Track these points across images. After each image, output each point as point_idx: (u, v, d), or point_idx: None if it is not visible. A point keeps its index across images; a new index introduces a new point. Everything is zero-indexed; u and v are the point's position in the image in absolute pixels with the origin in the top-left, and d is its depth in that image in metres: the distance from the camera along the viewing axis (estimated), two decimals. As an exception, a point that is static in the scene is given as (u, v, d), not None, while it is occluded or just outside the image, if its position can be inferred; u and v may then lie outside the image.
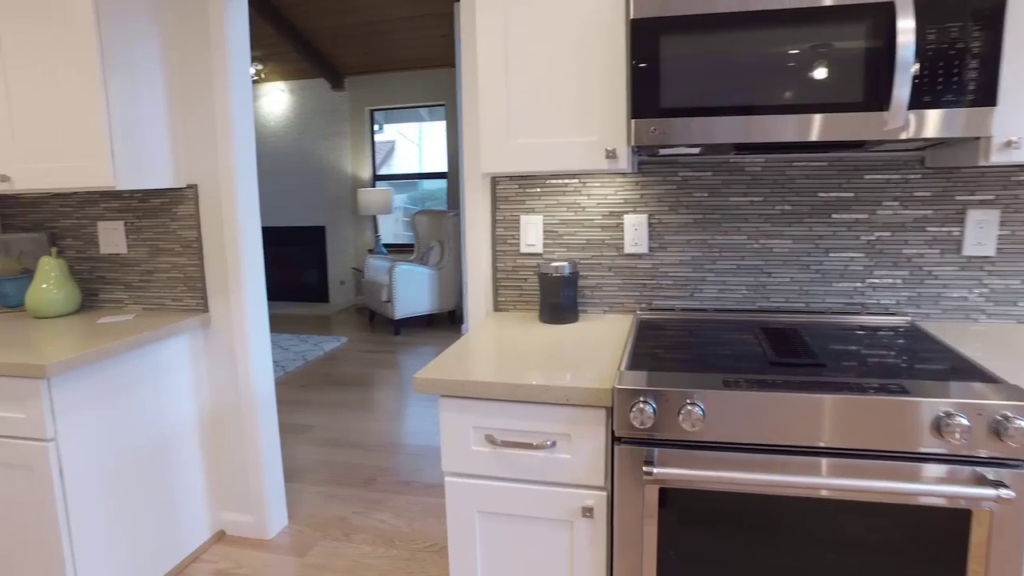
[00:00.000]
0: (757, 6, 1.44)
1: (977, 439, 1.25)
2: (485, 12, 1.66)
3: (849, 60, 1.42)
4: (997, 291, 1.86)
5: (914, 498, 1.29)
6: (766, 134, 1.48)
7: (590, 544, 1.49)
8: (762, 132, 1.48)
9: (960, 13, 1.38)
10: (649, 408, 1.34)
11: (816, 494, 1.33)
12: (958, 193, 1.83)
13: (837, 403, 1.29)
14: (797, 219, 1.92)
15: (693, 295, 2.02)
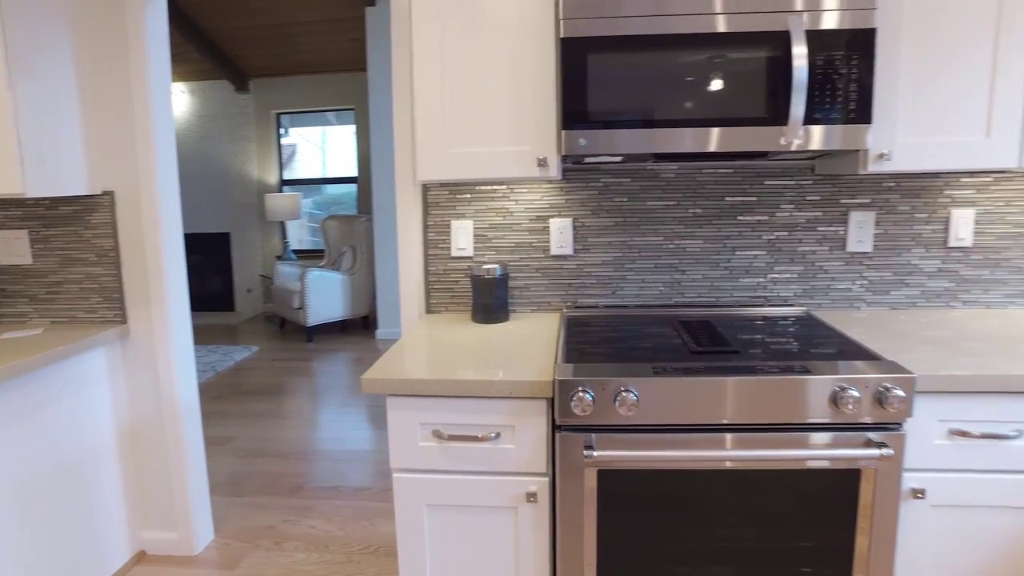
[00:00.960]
0: (674, 30, 1.60)
1: (864, 408, 1.46)
2: (422, 26, 1.74)
3: (754, 80, 1.61)
4: (874, 282, 2.12)
5: (819, 462, 1.48)
6: (683, 145, 1.64)
7: (534, 528, 1.60)
8: (680, 143, 1.64)
9: (841, 44, 1.59)
10: (588, 396, 1.46)
11: (739, 466, 1.49)
12: (842, 197, 2.08)
13: (753, 384, 1.46)
14: (707, 221, 2.11)
15: (615, 293, 2.18)
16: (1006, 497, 1.56)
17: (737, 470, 1.51)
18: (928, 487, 1.55)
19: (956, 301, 2.13)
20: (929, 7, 1.69)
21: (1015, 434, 1.52)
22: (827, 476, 1.50)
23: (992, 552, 1.59)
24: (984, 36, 1.70)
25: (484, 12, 1.73)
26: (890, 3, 1.68)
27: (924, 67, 1.71)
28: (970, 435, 1.53)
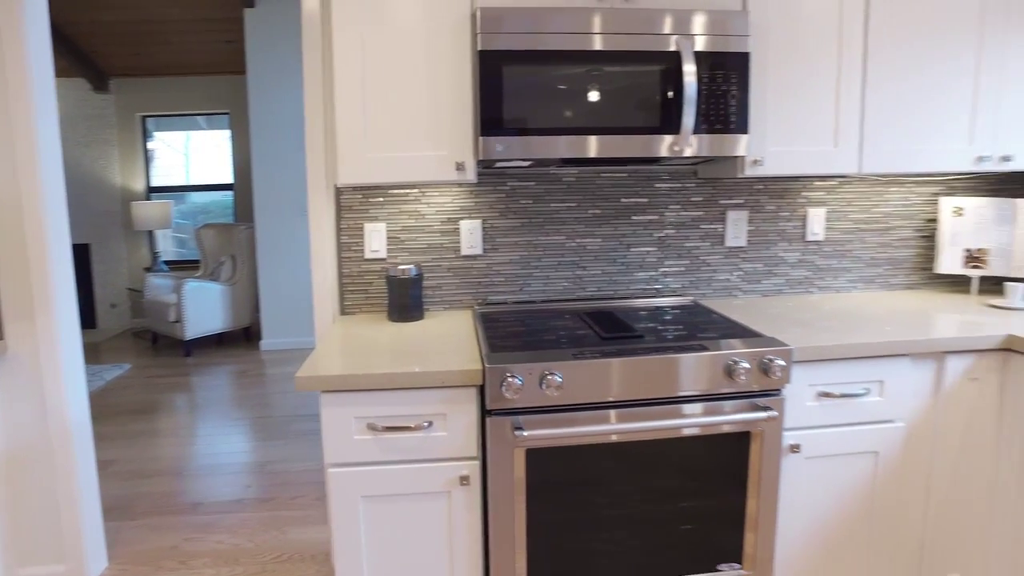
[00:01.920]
0: (583, 47, 1.77)
1: (753, 378, 1.69)
2: (341, 36, 1.80)
3: (649, 93, 1.81)
4: (749, 273, 2.41)
5: (718, 427, 1.70)
6: (590, 151, 1.81)
7: (467, 509, 1.70)
8: (587, 149, 1.81)
9: (723, 64, 1.83)
10: (518, 381, 1.59)
11: (653, 436, 1.68)
12: (721, 198, 2.35)
13: (662, 362, 1.65)
14: (605, 221, 2.31)
15: (523, 289, 2.32)
16: (859, 444, 1.85)
17: (651, 440, 1.69)
18: (802, 442, 1.82)
19: (813, 287, 2.47)
20: (789, 35, 1.97)
21: (864, 392, 1.82)
22: (724, 439, 1.72)
23: (850, 491, 1.89)
24: (830, 62, 2.01)
25: (403, 24, 1.82)
26: (760, 31, 1.95)
27: (787, 86, 1.99)
28: (832, 395, 1.81)
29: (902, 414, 1.88)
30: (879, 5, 2.02)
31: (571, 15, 1.77)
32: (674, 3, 1.91)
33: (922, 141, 2.10)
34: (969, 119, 2.11)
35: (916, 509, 1.96)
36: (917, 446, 1.92)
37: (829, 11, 1.99)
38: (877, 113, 2.06)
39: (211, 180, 7.02)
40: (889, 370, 1.84)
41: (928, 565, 1.99)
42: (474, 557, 1.73)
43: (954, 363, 1.89)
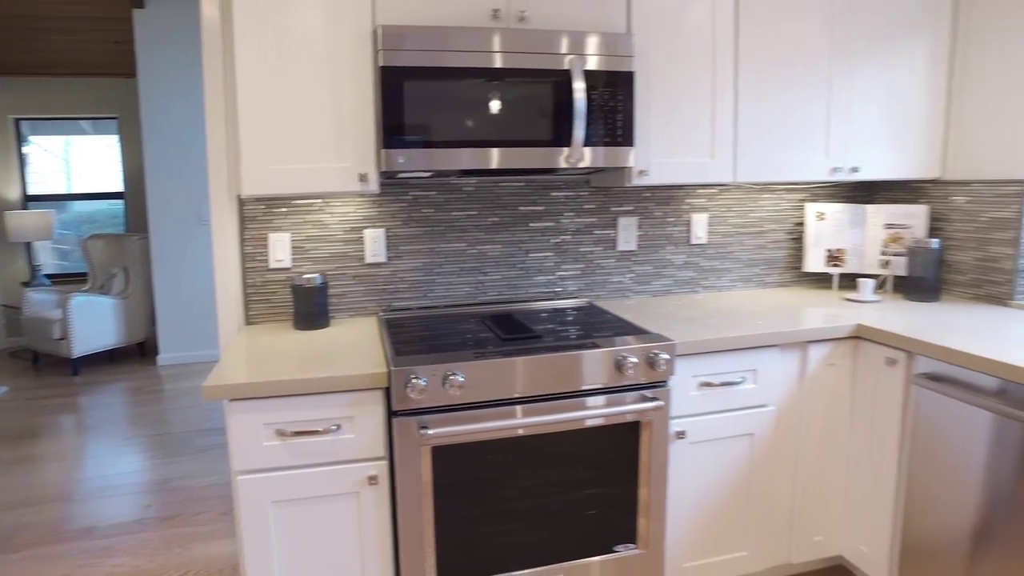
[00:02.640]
0: (480, 64, 1.87)
1: (641, 371, 1.84)
2: (244, 49, 1.82)
3: (543, 108, 1.93)
4: (639, 275, 2.59)
5: (611, 418, 1.83)
6: (488, 162, 1.92)
7: (376, 508, 1.76)
8: (485, 160, 1.92)
9: (610, 83, 1.98)
10: (422, 382, 1.67)
11: (552, 429, 1.80)
12: (612, 205, 2.52)
13: (558, 359, 1.77)
14: (504, 228, 2.42)
15: (426, 295, 2.40)
16: (736, 428, 2.05)
17: (550, 433, 1.81)
18: (687, 429, 1.99)
19: (698, 287, 2.68)
20: (670, 57, 2.16)
21: (740, 380, 2.02)
22: (618, 429, 1.87)
23: (730, 470, 2.08)
24: (706, 82, 2.21)
25: (306, 39, 1.86)
26: (644, 53, 2.12)
27: (669, 103, 2.17)
28: (713, 385, 2.00)
29: (773, 399, 2.09)
30: (746, 33, 2.23)
31: (470, 34, 1.88)
32: (566, 25, 2.05)
33: (786, 153, 2.34)
34: (824, 134, 2.37)
35: (786, 482, 2.17)
36: (786, 427, 2.13)
37: (703, 37, 2.19)
38: (747, 128, 2.28)
39: (97, 188, 6.66)
40: (761, 360, 2.05)
41: (798, 531, 2.22)
42: (384, 555, 1.79)
43: (815, 351, 2.12)
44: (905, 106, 2.46)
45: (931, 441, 1.92)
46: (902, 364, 2.01)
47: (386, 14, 1.90)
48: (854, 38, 2.36)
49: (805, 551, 2.24)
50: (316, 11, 1.86)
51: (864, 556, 2.19)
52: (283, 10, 1.84)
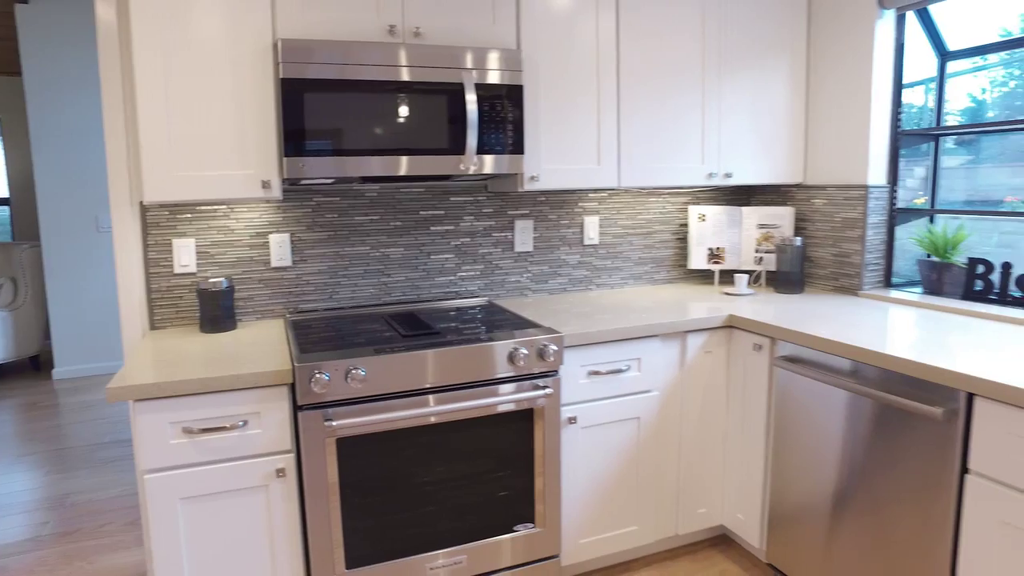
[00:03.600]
0: (377, 77, 1.98)
1: (532, 362, 2.00)
2: (143, 57, 1.86)
3: (439, 118, 2.07)
4: (536, 274, 2.76)
5: (506, 406, 1.98)
6: (388, 169, 2.04)
7: (285, 500, 1.84)
8: (385, 168, 2.03)
9: (501, 95, 2.14)
10: (325, 377, 1.77)
11: (449, 418, 1.93)
12: (509, 209, 2.68)
13: (454, 352, 1.91)
14: (406, 231, 2.54)
15: (332, 297, 2.48)
16: (624, 412, 2.24)
17: (447, 422, 1.94)
18: (578, 414, 2.17)
19: (592, 285, 2.88)
20: (558, 72, 2.33)
21: (626, 368, 2.22)
22: (514, 417, 2.02)
23: (619, 451, 2.27)
24: (591, 95, 2.40)
25: (208, 49, 1.92)
26: (532, 67, 2.29)
27: (557, 114, 2.35)
28: (601, 373, 2.18)
29: (656, 384, 2.30)
30: (627, 50, 2.44)
31: (367, 49, 1.98)
32: (459, 40, 2.19)
33: (666, 160, 2.56)
34: (699, 143, 2.62)
35: (671, 461, 2.39)
36: (669, 410, 2.35)
37: (588, 54, 2.38)
38: (630, 137, 2.48)
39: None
40: (644, 349, 2.25)
41: (683, 505, 2.44)
42: (294, 546, 1.87)
43: (693, 340, 2.35)
44: (770, 118, 2.75)
45: (792, 417, 2.18)
46: (766, 349, 2.26)
47: (286, 28, 1.98)
48: (725, 56, 2.61)
49: (690, 522, 2.47)
50: (216, 21, 1.92)
51: (741, 523, 2.43)
52: (182, 19, 1.89)
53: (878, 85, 2.60)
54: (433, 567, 2.00)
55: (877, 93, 2.60)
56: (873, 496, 1.91)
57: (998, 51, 2.52)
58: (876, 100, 2.60)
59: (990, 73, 2.76)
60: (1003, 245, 2.72)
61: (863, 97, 2.62)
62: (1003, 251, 2.56)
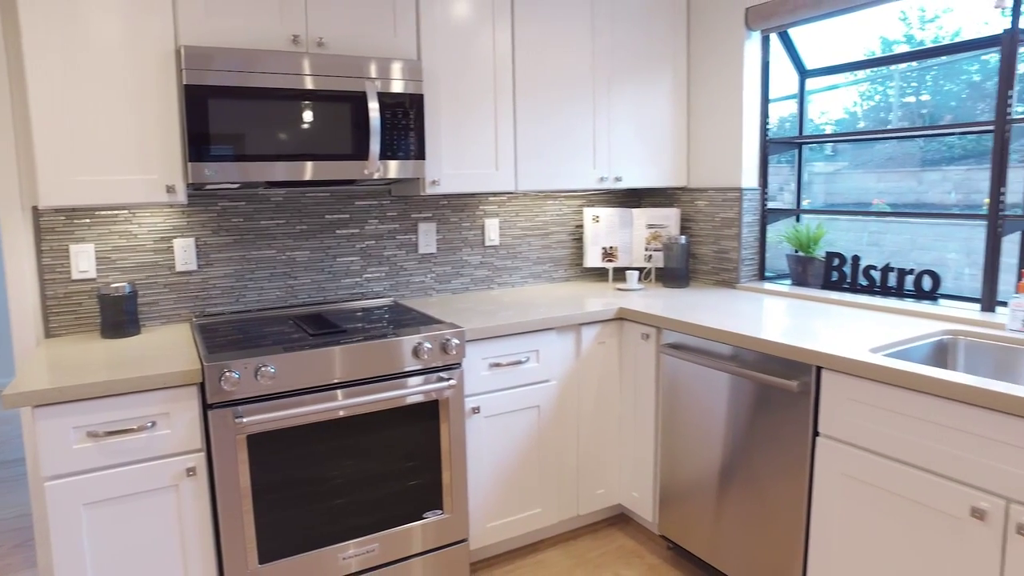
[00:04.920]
0: (282, 85, 2.05)
1: (436, 356, 2.12)
2: (36, 58, 1.85)
3: (343, 125, 2.16)
4: (440, 275, 2.88)
5: (413, 397, 2.09)
6: (294, 175, 2.11)
7: (195, 499, 1.87)
8: (291, 173, 2.10)
9: (403, 103, 2.25)
10: (235, 375, 1.82)
11: (357, 411, 2.02)
12: (413, 212, 2.78)
13: (361, 348, 2.00)
14: (312, 235, 2.60)
15: (239, 300, 2.51)
16: (524, 401, 2.40)
17: (356, 415, 2.03)
18: (481, 405, 2.31)
19: (494, 284, 3.03)
20: (457, 82, 2.47)
21: (525, 360, 2.37)
22: (420, 408, 2.13)
23: (521, 438, 2.43)
24: (488, 104, 2.55)
25: (105, 53, 1.93)
26: (432, 77, 2.41)
27: (457, 121, 2.48)
28: (501, 365, 2.33)
29: (554, 374, 2.47)
30: (522, 62, 2.61)
31: (271, 57, 2.05)
32: (362, 51, 2.28)
33: (560, 165, 2.74)
34: (591, 149, 2.81)
35: (570, 445, 2.56)
36: (567, 398, 2.52)
37: (486, 64, 2.53)
38: (526, 144, 2.65)
39: None
40: (542, 342, 2.42)
41: (583, 486, 2.62)
42: (206, 544, 1.90)
43: (587, 332, 2.53)
44: (656, 126, 2.99)
45: (678, 399, 2.39)
46: (653, 338, 2.47)
47: (189, 34, 2.02)
48: (613, 69, 2.83)
49: (590, 503, 2.65)
50: (114, 24, 1.93)
51: (636, 501, 2.64)
52: (76, 22, 1.89)
53: (748, 98, 2.88)
54: (345, 557, 2.08)
55: (747, 105, 2.88)
56: (750, 465, 2.14)
57: (847, 71, 2.86)
58: (747, 111, 2.88)
59: (860, 87, 3.12)
60: (872, 243, 3.08)
61: (735, 108, 2.90)
62: (872, 248, 2.92)
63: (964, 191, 2.61)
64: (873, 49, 2.81)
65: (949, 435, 1.60)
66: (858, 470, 1.80)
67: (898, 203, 2.93)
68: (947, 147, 2.91)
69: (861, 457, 1.78)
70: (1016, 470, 1.48)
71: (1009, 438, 1.49)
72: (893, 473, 1.71)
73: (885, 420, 1.73)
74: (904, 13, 2.78)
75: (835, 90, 3.09)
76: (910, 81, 3.03)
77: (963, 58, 2.63)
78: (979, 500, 1.54)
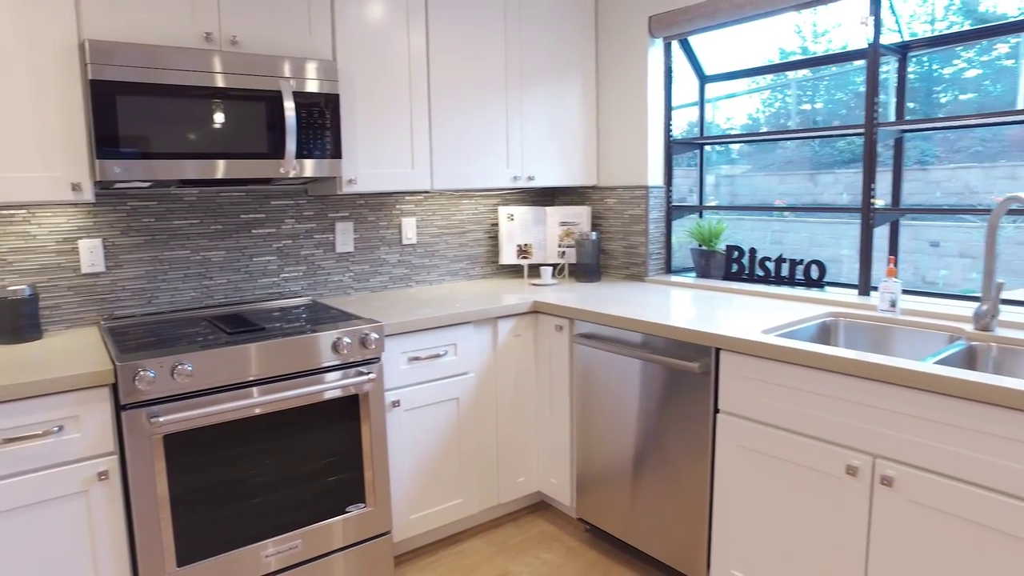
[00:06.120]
0: (189, 82, 2.04)
1: (355, 350, 2.16)
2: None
3: (258, 124, 2.16)
4: (358, 273, 2.91)
5: (332, 392, 2.12)
6: (208, 173, 2.10)
7: (108, 504, 1.83)
8: (204, 172, 2.09)
9: (319, 102, 2.27)
10: (150, 374, 1.80)
11: (278, 407, 2.03)
12: (330, 211, 2.80)
13: (280, 344, 2.02)
14: (228, 235, 2.58)
15: (151, 302, 2.46)
16: (444, 394, 2.47)
17: (276, 412, 2.04)
18: (401, 398, 2.35)
19: (412, 282, 3.07)
20: (373, 82, 2.51)
21: (444, 353, 2.44)
22: (341, 403, 2.16)
23: (441, 430, 2.49)
24: (404, 104, 2.60)
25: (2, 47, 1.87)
26: (348, 77, 2.44)
27: (373, 121, 2.52)
28: (421, 359, 2.38)
29: (473, 367, 2.54)
30: (437, 64, 2.67)
31: (183, 54, 2.03)
32: (277, 50, 2.29)
33: (474, 164, 2.82)
34: (504, 149, 2.91)
35: (490, 436, 2.64)
36: (485, 389, 2.60)
37: (401, 65, 2.58)
38: (442, 144, 2.71)
39: None
40: (460, 335, 2.49)
41: (503, 475, 2.70)
42: (119, 548, 1.86)
43: (503, 325, 2.62)
44: (567, 127, 3.11)
45: (591, 387, 2.51)
46: (566, 329, 2.59)
47: (94, 28, 1.97)
48: (525, 72, 2.93)
49: (510, 491, 2.73)
50: (7, 15, 1.87)
51: (555, 487, 2.74)
52: (-28, 19, 1.83)
53: (653, 101, 3.05)
54: (267, 555, 2.08)
55: (652, 107, 3.05)
56: (659, 445, 2.28)
57: (740, 77, 3.07)
58: (652, 113, 3.05)
59: (763, 95, 3.35)
60: (775, 241, 3.32)
61: (641, 111, 3.06)
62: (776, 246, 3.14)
63: (854, 192, 2.86)
64: (772, 59, 3.04)
65: (828, 403, 1.77)
66: (752, 441, 1.96)
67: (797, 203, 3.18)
68: (838, 151, 3.18)
69: (755, 429, 1.95)
70: (880, 429, 1.66)
71: (875, 401, 1.67)
72: (782, 441, 1.88)
73: (775, 394, 1.89)
74: (799, 27, 3.02)
75: (739, 97, 3.32)
76: (806, 90, 3.30)
77: (852, 70, 2.89)
78: (852, 458, 1.72)
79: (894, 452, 1.64)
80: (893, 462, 1.65)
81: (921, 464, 1.60)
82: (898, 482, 1.64)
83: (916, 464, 1.61)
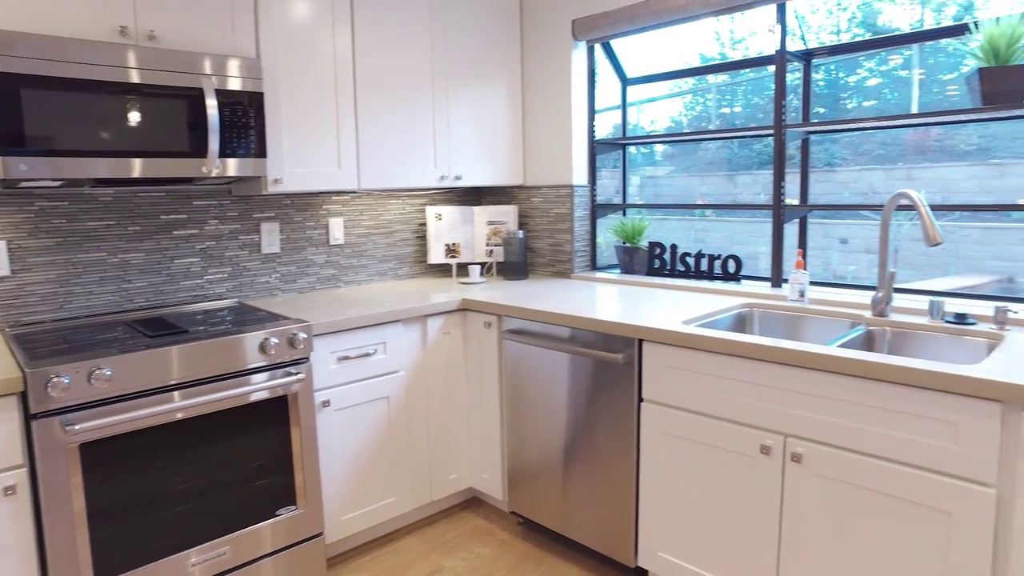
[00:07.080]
0: (101, 77, 1.97)
1: (283, 351, 2.13)
2: None
3: (179, 122, 2.11)
4: (285, 274, 2.87)
5: (260, 393, 2.09)
6: (124, 171, 2.03)
7: (14, 521, 1.74)
8: (120, 170, 2.02)
9: (242, 101, 2.23)
10: (65, 380, 1.73)
11: (203, 411, 1.98)
12: (255, 212, 2.75)
13: (204, 346, 1.97)
14: (147, 236, 2.49)
15: (63, 307, 2.36)
16: (374, 393, 2.46)
17: (203, 415, 1.99)
18: (331, 398, 2.34)
19: (340, 282, 3.05)
20: (298, 82, 2.48)
21: (373, 352, 2.44)
22: (269, 405, 2.13)
23: (372, 429, 2.49)
24: (330, 103, 2.58)
25: None
26: (272, 75, 2.41)
27: (298, 120, 2.49)
28: (350, 358, 2.38)
29: (402, 365, 2.55)
30: (362, 64, 2.66)
31: (95, 48, 1.96)
32: (198, 47, 2.23)
33: (402, 164, 2.83)
34: (432, 149, 2.93)
35: (421, 434, 2.65)
36: (416, 387, 2.61)
37: (327, 65, 2.56)
38: (368, 143, 2.71)
39: None
40: (389, 334, 2.49)
41: (436, 472, 2.72)
42: (28, 567, 1.76)
43: (433, 323, 2.64)
44: (493, 128, 3.16)
45: (520, 381, 2.56)
46: (495, 325, 2.63)
47: (-7, 22, 1.88)
48: (452, 73, 2.96)
49: (443, 488, 2.75)
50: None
51: (486, 482, 2.77)
52: None
53: (576, 102, 3.13)
54: (194, 564, 2.03)
55: (576, 108, 3.13)
56: (588, 436, 2.35)
57: (659, 80, 3.19)
58: (575, 114, 3.13)
59: (685, 99, 3.49)
60: (698, 240, 3.45)
61: (565, 112, 3.14)
62: (698, 244, 3.26)
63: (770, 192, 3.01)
64: (693, 64, 3.17)
65: (743, 388, 1.88)
66: (674, 427, 2.05)
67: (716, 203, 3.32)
68: (756, 154, 3.35)
69: (676, 415, 2.04)
70: (790, 410, 1.78)
71: (785, 384, 1.78)
72: (702, 426, 1.98)
73: (694, 381, 1.99)
74: (718, 34, 3.17)
75: (662, 101, 3.45)
76: (725, 94, 3.46)
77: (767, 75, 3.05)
78: (766, 439, 1.84)
79: (803, 430, 1.76)
80: (802, 440, 1.77)
81: (827, 440, 1.73)
82: (806, 458, 1.76)
83: (822, 440, 1.73)
